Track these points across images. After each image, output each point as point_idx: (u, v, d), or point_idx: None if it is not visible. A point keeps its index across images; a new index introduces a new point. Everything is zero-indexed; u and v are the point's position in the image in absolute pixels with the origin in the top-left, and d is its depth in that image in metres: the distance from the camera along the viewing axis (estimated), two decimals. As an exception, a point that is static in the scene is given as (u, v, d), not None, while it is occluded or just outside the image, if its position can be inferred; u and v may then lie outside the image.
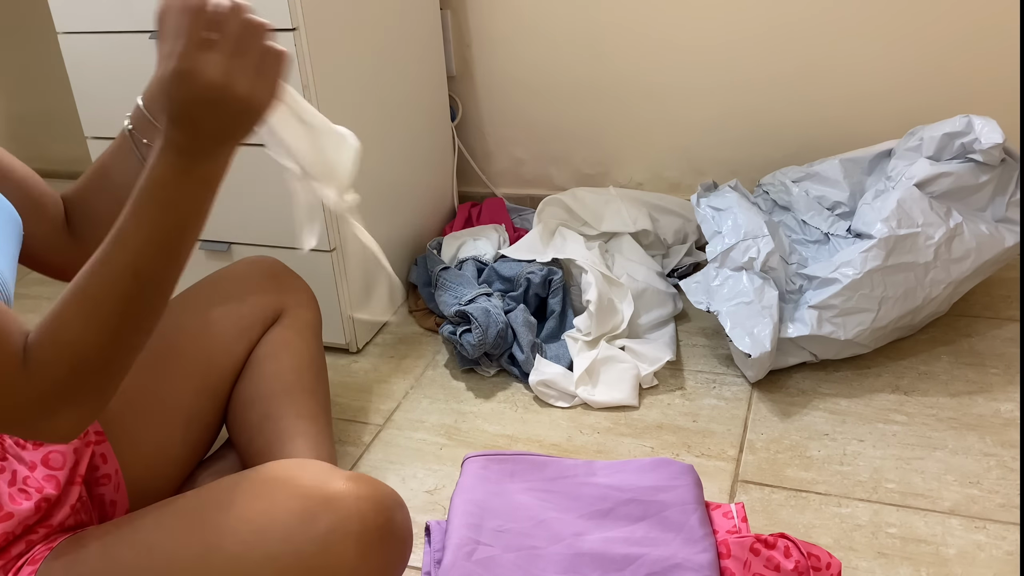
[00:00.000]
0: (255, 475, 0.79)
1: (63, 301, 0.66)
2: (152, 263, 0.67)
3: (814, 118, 1.73)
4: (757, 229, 1.40)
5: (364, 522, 0.72)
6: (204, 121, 0.64)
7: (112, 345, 0.67)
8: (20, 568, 0.77)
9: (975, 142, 1.37)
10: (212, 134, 0.65)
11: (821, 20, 1.65)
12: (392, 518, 0.74)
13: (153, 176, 0.66)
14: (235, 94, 0.63)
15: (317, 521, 0.72)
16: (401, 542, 0.76)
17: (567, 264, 1.56)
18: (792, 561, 0.95)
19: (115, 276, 0.66)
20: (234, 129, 0.66)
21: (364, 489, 0.74)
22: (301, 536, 0.71)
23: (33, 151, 2.33)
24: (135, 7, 1.37)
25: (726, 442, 1.25)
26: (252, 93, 0.64)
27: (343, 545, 0.71)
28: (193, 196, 0.67)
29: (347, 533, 0.71)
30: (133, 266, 0.66)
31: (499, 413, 1.36)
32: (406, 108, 1.67)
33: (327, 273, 1.46)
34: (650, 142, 1.87)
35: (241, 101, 0.64)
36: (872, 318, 1.31)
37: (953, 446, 1.20)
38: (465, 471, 1.13)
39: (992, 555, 1.02)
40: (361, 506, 0.73)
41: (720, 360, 1.44)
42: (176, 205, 0.66)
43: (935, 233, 1.32)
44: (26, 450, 0.84)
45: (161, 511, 0.79)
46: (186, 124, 0.64)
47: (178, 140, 0.65)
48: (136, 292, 0.67)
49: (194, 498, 0.79)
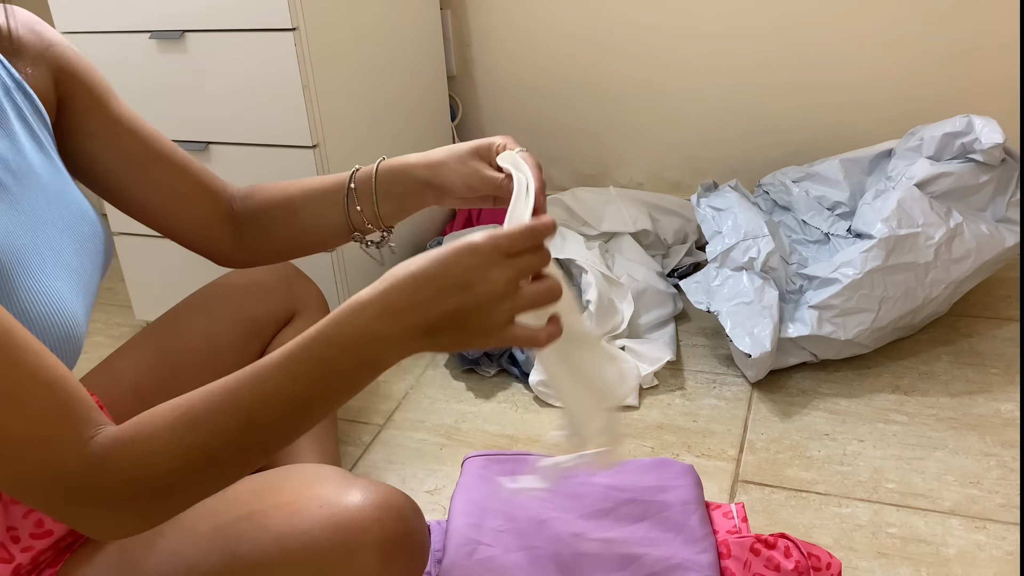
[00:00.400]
0: (275, 483, 0.79)
1: (168, 418, 0.60)
2: (276, 419, 0.61)
3: (814, 118, 1.73)
4: (757, 229, 1.40)
5: (384, 531, 0.72)
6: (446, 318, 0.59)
7: (193, 484, 0.62)
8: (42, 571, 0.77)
9: (975, 142, 1.37)
10: (442, 329, 0.60)
11: (822, 20, 1.65)
12: (411, 527, 0.75)
13: (342, 331, 0.59)
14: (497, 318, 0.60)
15: (339, 530, 0.72)
16: (420, 551, 0.76)
17: (567, 264, 1.56)
18: (792, 561, 0.95)
19: (232, 418, 0.60)
20: (463, 341, 0.61)
21: (384, 498, 0.74)
22: (323, 544, 0.72)
23: (33, 151, 2.33)
24: (135, 7, 1.37)
25: (726, 442, 1.25)
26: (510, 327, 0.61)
27: (365, 554, 0.72)
28: (359, 373, 0.61)
29: (368, 543, 0.72)
30: (254, 415, 0.60)
31: (499, 413, 1.36)
32: (406, 108, 1.67)
33: (327, 273, 1.46)
34: (650, 142, 1.87)
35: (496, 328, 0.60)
36: (872, 318, 1.31)
37: (953, 446, 1.20)
38: (465, 471, 1.13)
39: (992, 555, 1.02)
40: (382, 515, 0.73)
41: (720, 360, 1.44)
42: (340, 372, 0.60)
43: (935, 233, 1.32)
44: None
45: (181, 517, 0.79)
46: (428, 308, 0.59)
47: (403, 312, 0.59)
48: (245, 441, 0.61)
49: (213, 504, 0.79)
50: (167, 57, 1.39)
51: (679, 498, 1.05)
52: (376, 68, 1.54)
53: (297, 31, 1.30)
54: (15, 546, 0.75)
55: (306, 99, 1.34)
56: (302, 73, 1.32)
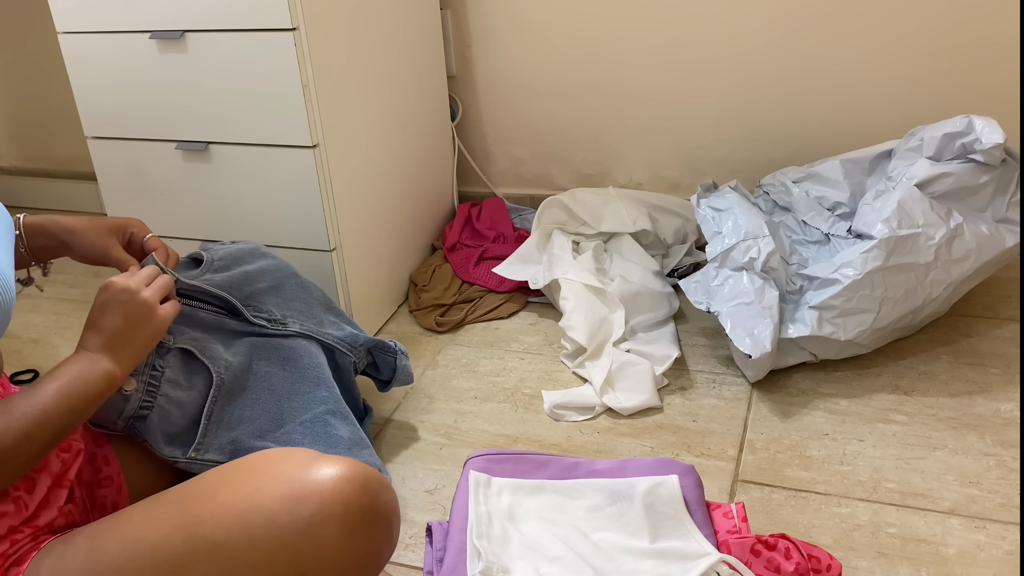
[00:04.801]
0: (241, 463, 0.79)
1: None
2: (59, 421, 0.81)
3: (814, 118, 1.73)
4: (758, 229, 1.40)
5: (348, 504, 0.72)
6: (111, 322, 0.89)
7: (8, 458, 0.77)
8: (8, 568, 0.77)
9: (976, 142, 1.37)
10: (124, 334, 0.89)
11: (822, 20, 1.65)
12: (377, 499, 0.74)
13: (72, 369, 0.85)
14: (139, 298, 0.91)
15: (300, 504, 0.71)
16: (386, 523, 0.75)
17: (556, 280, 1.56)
18: (793, 563, 0.95)
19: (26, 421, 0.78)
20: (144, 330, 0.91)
21: (347, 471, 0.73)
22: (284, 519, 0.71)
23: (33, 151, 2.33)
24: (135, 7, 1.37)
25: (726, 442, 1.25)
26: (153, 301, 0.92)
27: (326, 527, 0.71)
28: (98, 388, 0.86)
29: (330, 515, 0.71)
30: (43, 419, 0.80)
31: (499, 413, 1.36)
32: (406, 108, 1.67)
33: (327, 273, 1.46)
34: (650, 142, 1.87)
35: (142, 304, 0.90)
36: (872, 319, 1.31)
37: (953, 446, 1.20)
38: (467, 471, 1.13)
39: (992, 555, 1.02)
40: (344, 487, 0.72)
41: (720, 360, 1.44)
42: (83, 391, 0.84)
43: (936, 233, 1.32)
44: None
45: (148, 504, 0.79)
46: (96, 325, 0.89)
47: (89, 341, 0.88)
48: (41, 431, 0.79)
49: (180, 489, 0.79)
50: (167, 57, 1.39)
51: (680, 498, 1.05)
52: (376, 68, 1.54)
53: (297, 31, 1.30)
54: None
55: (306, 99, 1.34)
56: (302, 73, 1.32)
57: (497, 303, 1.64)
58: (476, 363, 1.49)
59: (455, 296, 1.66)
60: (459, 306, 1.65)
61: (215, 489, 0.76)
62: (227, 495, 0.74)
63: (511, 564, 0.98)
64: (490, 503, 1.07)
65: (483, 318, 1.62)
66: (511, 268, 1.64)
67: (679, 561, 0.97)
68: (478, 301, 1.65)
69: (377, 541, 0.74)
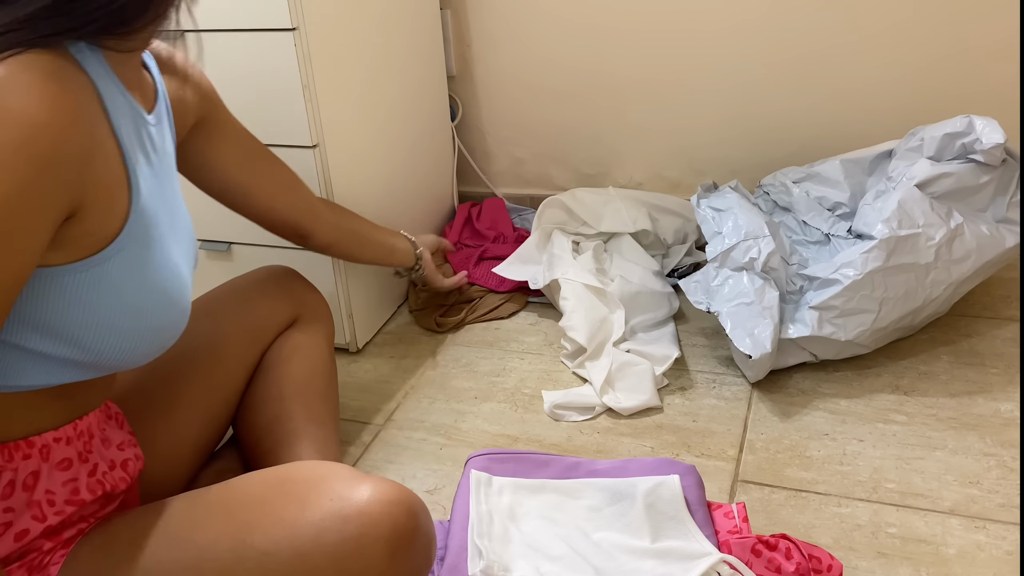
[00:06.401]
0: (286, 475, 0.81)
1: None
2: None
3: (814, 118, 1.73)
4: (758, 229, 1.40)
5: (395, 526, 0.74)
6: None
7: None
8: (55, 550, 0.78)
9: (976, 142, 1.37)
10: None
11: (822, 20, 1.65)
12: (420, 524, 0.77)
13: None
14: None
15: (348, 523, 0.74)
16: (428, 546, 0.78)
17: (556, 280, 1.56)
18: (793, 563, 0.95)
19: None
20: None
21: (395, 494, 0.76)
22: (333, 536, 0.73)
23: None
24: (135, 7, 1.37)
25: (726, 442, 1.25)
26: None
27: (374, 548, 0.73)
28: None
29: (378, 537, 0.74)
30: None
31: (499, 413, 1.36)
32: (406, 108, 1.67)
33: (327, 273, 1.46)
34: (650, 142, 1.87)
35: None
36: (873, 319, 1.31)
37: (953, 446, 1.20)
38: (468, 470, 1.13)
39: (992, 555, 1.02)
40: (392, 510, 0.75)
41: (720, 360, 1.44)
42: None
43: (936, 234, 1.32)
44: (109, 449, 0.86)
45: (191, 504, 0.81)
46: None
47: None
48: None
49: (224, 494, 0.81)
50: (167, 57, 1.39)
51: (681, 498, 1.05)
52: (376, 68, 1.54)
53: (297, 31, 1.30)
54: (50, 508, 0.77)
55: (306, 99, 1.34)
56: (302, 73, 1.32)
57: (497, 303, 1.64)
58: (476, 363, 1.49)
59: (455, 296, 1.67)
60: (459, 306, 1.65)
61: (262, 498, 0.78)
62: (275, 506, 0.76)
63: (512, 563, 0.98)
64: (491, 502, 1.07)
65: (483, 318, 1.62)
66: (511, 268, 1.64)
67: (680, 561, 0.97)
68: (478, 301, 1.65)
69: (418, 563, 0.77)
